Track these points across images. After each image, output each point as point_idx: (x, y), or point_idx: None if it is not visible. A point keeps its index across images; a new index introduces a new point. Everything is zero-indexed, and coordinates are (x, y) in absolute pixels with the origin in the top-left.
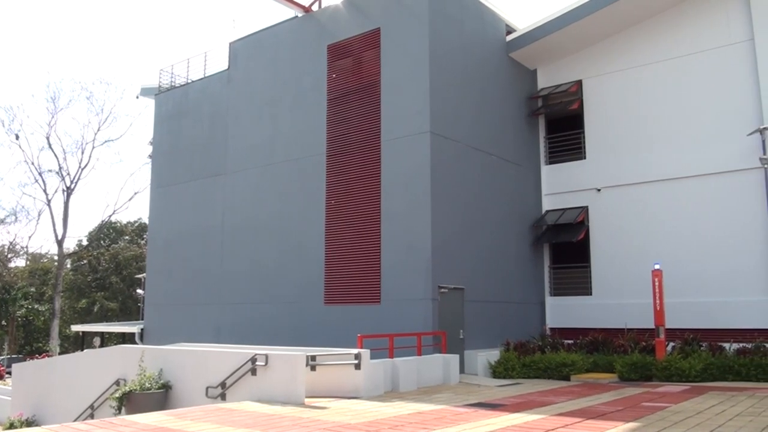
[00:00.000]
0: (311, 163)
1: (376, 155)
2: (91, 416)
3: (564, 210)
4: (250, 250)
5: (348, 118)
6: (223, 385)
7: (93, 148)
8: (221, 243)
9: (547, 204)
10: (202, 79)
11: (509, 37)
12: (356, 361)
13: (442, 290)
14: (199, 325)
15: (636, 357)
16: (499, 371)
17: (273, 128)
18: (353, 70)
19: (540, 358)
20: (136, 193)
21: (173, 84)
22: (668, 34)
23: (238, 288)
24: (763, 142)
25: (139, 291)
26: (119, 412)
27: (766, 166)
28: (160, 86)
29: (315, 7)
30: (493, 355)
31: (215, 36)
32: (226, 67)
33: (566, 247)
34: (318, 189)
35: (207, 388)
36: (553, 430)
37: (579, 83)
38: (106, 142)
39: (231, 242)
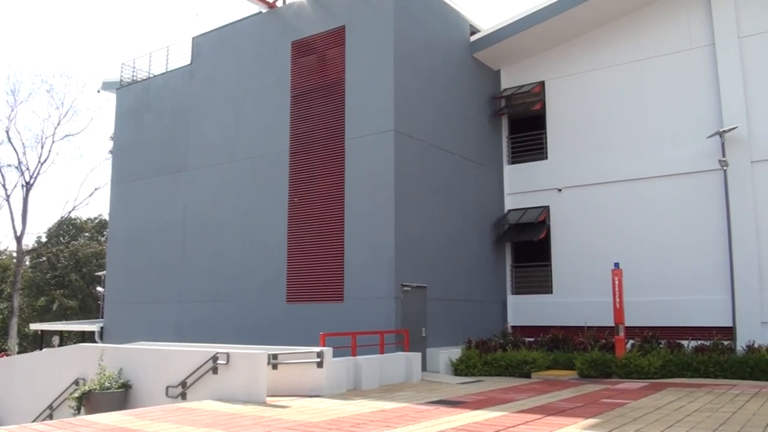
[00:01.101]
0: (274, 161)
1: (340, 153)
2: (50, 417)
3: (526, 209)
4: (211, 248)
5: (312, 116)
6: (183, 384)
7: (53, 142)
8: (182, 240)
9: (509, 203)
10: (164, 73)
11: (473, 38)
12: (318, 360)
13: (405, 288)
14: (160, 323)
15: (596, 354)
16: (460, 369)
17: (236, 125)
18: (317, 67)
19: (501, 356)
20: (96, 189)
21: (135, 78)
22: (630, 38)
23: (200, 286)
24: (722, 144)
25: (99, 289)
26: (78, 413)
27: (724, 168)
28: (121, 80)
29: (279, 3)
30: (455, 352)
31: (178, 30)
32: (189, 62)
33: (528, 246)
34: (281, 187)
35: (167, 387)
36: (513, 426)
37: (542, 84)
38: (66, 136)
39: (192, 239)
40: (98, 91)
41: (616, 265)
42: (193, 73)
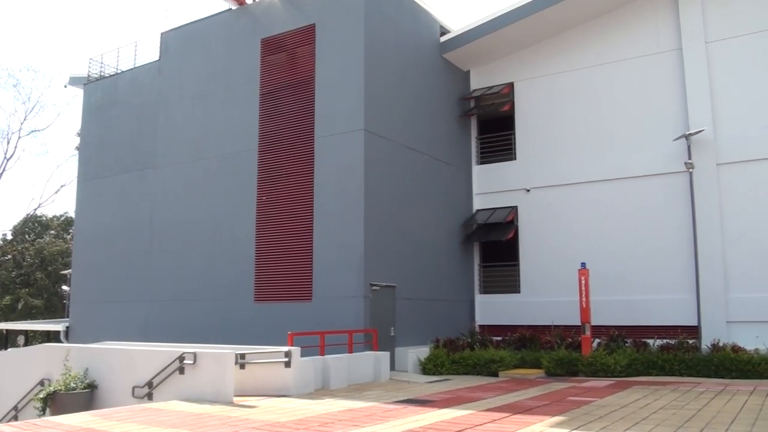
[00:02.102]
0: (243, 159)
1: (310, 152)
2: (15, 418)
3: (494, 209)
4: (179, 246)
5: (281, 114)
6: (150, 384)
7: (19, 138)
8: (149, 239)
9: (478, 203)
10: (132, 69)
11: (443, 38)
12: (286, 359)
13: (374, 288)
14: (127, 323)
15: (562, 353)
16: (428, 368)
17: (204, 122)
18: (287, 65)
19: (469, 355)
20: (62, 186)
21: (103, 74)
22: (599, 41)
23: (167, 285)
24: (688, 147)
25: (65, 288)
26: (44, 414)
27: (690, 170)
28: (89, 76)
29: (249, 0)
30: (423, 352)
31: (147, 25)
32: (157, 58)
33: (496, 245)
34: (249, 185)
35: (134, 387)
36: (481, 425)
37: (511, 85)
38: (32, 132)
39: (159, 238)
40: (65, 87)
41: (583, 264)
42: (162, 69)
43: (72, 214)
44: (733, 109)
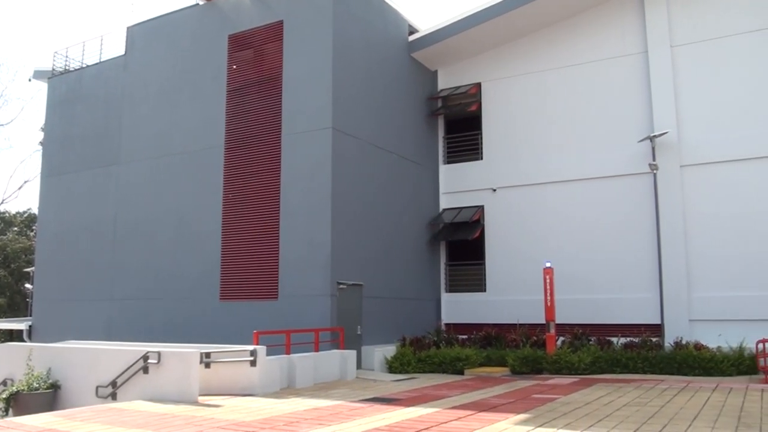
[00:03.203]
0: (209, 156)
1: (277, 149)
2: None
3: (460, 209)
4: (143, 244)
5: (248, 111)
6: (113, 384)
7: None
8: (114, 236)
9: (445, 202)
10: (97, 63)
11: (411, 38)
12: (252, 358)
13: (341, 286)
14: (91, 321)
15: (527, 351)
16: (395, 366)
17: (170, 118)
18: (255, 62)
19: (435, 353)
20: (26, 182)
21: (67, 68)
22: (566, 43)
23: (131, 283)
24: (653, 149)
25: (28, 286)
26: (6, 414)
27: (654, 171)
28: (53, 69)
29: None
30: (390, 350)
31: (113, 19)
32: (123, 53)
33: (462, 244)
34: (215, 182)
35: (97, 387)
36: (446, 422)
37: (478, 86)
38: None
39: (124, 235)
40: (29, 80)
41: (548, 263)
42: (127, 63)
43: (35, 210)
44: (697, 112)
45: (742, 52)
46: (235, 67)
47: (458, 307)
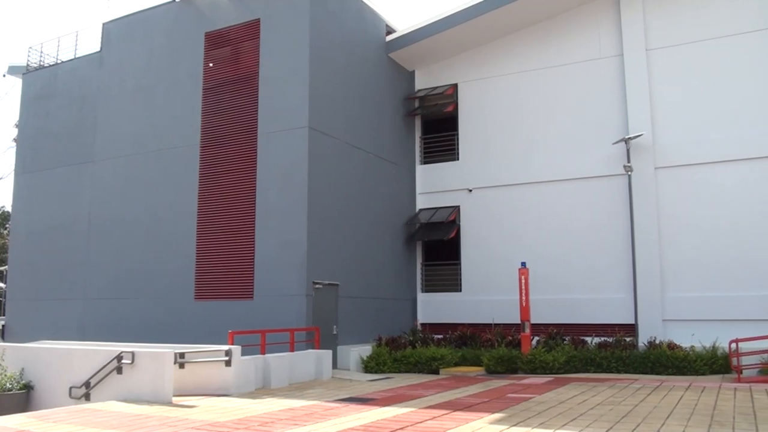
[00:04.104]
0: (184, 154)
1: (253, 148)
2: None
3: (437, 209)
4: (118, 243)
5: (224, 109)
6: (87, 384)
7: None
8: (88, 234)
9: (421, 203)
10: (72, 60)
11: (389, 38)
12: (226, 358)
13: (317, 286)
14: (64, 321)
15: (502, 351)
16: (371, 366)
17: (145, 116)
18: (231, 60)
19: (411, 353)
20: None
21: (42, 64)
22: (543, 45)
23: (106, 282)
24: (628, 150)
25: (1, 284)
26: None
27: (629, 173)
28: (28, 65)
29: None
30: (366, 350)
31: (88, 14)
32: (99, 49)
33: (438, 244)
34: (191, 181)
35: (71, 388)
36: (421, 422)
37: (455, 87)
38: None
39: (98, 234)
40: (3, 76)
41: (523, 264)
42: (103, 60)
43: (9, 208)
44: (672, 115)
45: (716, 56)
46: (211, 65)
47: (434, 307)
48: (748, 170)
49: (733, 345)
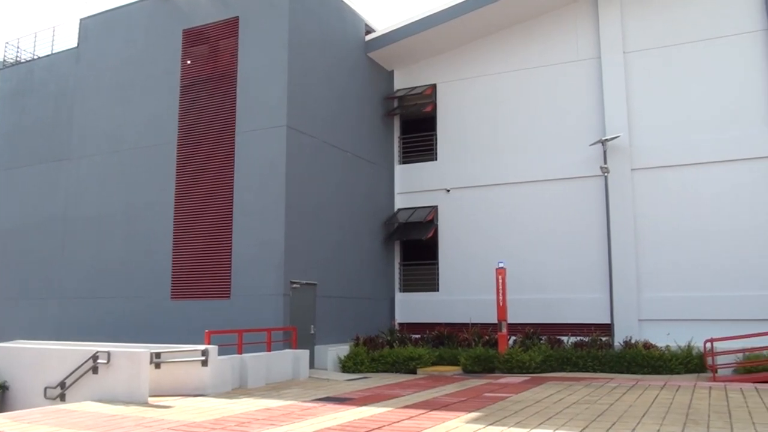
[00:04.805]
0: (161, 152)
1: (230, 147)
2: None
3: (415, 209)
4: (94, 242)
5: (202, 107)
6: (62, 385)
7: None
8: (64, 233)
9: (399, 202)
10: (49, 55)
11: (368, 37)
12: (203, 358)
13: (294, 285)
14: (40, 320)
15: (479, 350)
16: (348, 366)
17: (122, 113)
18: (209, 57)
19: (388, 353)
20: None
21: (19, 59)
22: (521, 46)
23: (81, 281)
24: (604, 152)
25: None
26: None
27: (605, 174)
28: (4, 61)
29: None
30: (343, 350)
31: (66, 10)
32: (76, 45)
33: (416, 244)
34: (168, 179)
35: (46, 388)
36: (398, 422)
37: (433, 87)
38: None
39: (74, 232)
40: None
41: (500, 264)
42: (80, 56)
43: None
44: (648, 117)
45: (693, 59)
46: (189, 62)
47: (412, 307)
48: (723, 172)
49: (708, 344)
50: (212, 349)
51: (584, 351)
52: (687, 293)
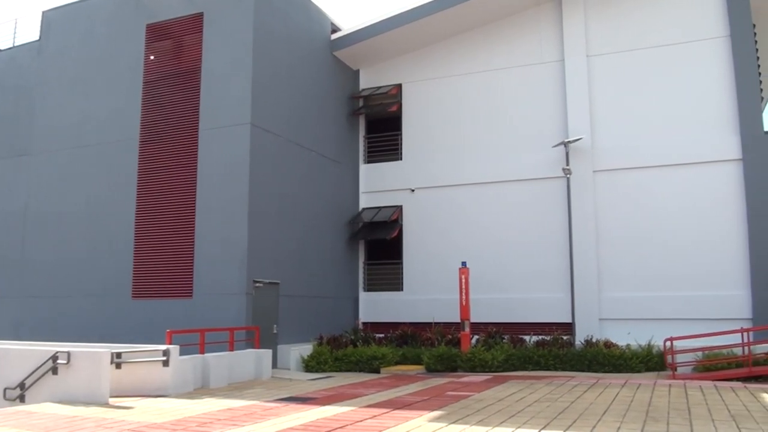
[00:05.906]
0: (123, 149)
1: (193, 144)
2: None
3: (379, 208)
4: (54, 240)
5: (165, 104)
6: (22, 386)
7: None
8: (23, 231)
9: (364, 202)
10: (10, 48)
11: (334, 36)
12: (164, 358)
13: (257, 284)
14: None
15: (442, 349)
16: (311, 365)
17: (84, 108)
18: (173, 53)
19: (352, 352)
20: None
21: None
22: (486, 48)
23: (41, 280)
24: (567, 154)
25: None
26: None
27: (568, 175)
28: None
29: None
30: (306, 349)
31: (27, 1)
32: (38, 38)
33: (380, 244)
34: (129, 176)
35: (5, 389)
36: (361, 421)
37: (399, 87)
38: None
39: (34, 230)
40: None
41: (463, 263)
42: (42, 49)
43: None
44: (610, 120)
45: (655, 64)
46: (152, 57)
47: (376, 306)
48: (682, 175)
49: (668, 343)
50: (173, 348)
51: (546, 350)
52: (646, 293)
